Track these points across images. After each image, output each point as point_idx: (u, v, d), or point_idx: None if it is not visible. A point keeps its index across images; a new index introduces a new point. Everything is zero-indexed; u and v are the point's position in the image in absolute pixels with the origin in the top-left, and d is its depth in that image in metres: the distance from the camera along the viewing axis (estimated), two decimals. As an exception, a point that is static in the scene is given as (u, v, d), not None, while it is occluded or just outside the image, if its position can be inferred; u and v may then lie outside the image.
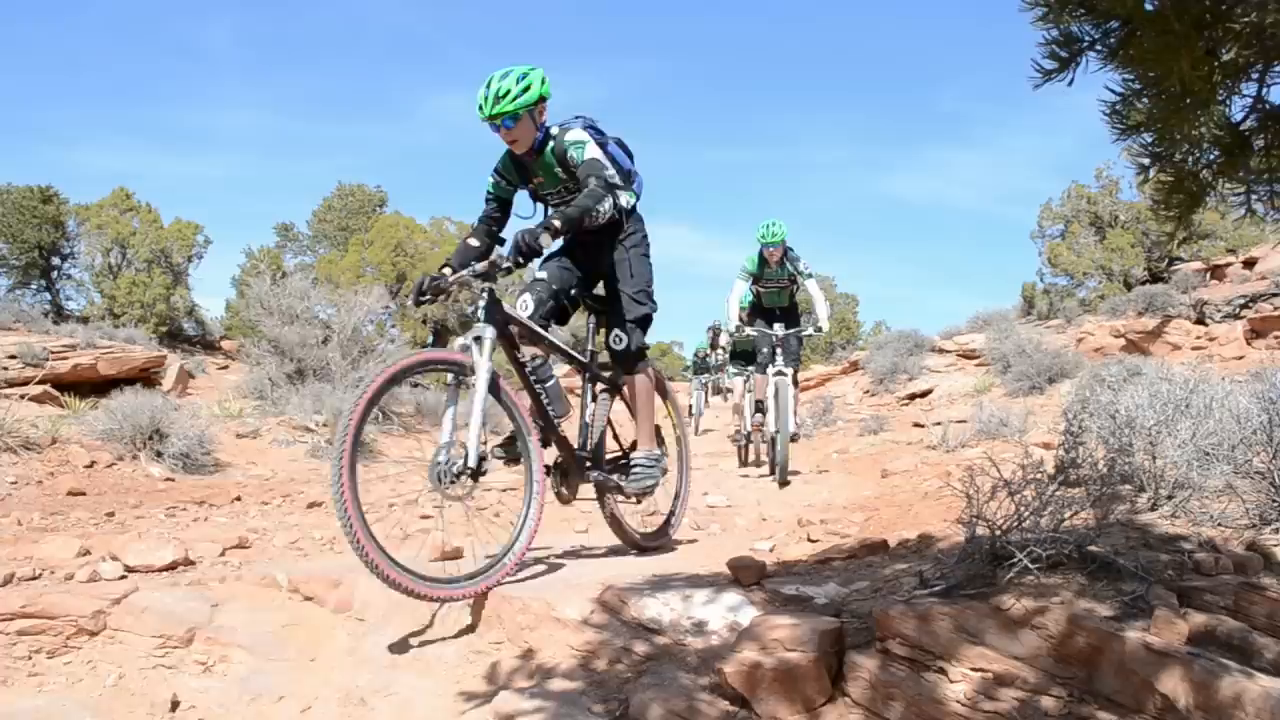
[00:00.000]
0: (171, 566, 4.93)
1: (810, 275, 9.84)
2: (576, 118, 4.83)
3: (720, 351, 15.54)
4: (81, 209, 23.47)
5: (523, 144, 4.57)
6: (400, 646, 3.78)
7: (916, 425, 12.07)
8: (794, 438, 9.47)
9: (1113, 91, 2.17)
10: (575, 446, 4.79)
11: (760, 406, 9.68)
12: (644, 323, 4.92)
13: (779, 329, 9.52)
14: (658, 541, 5.21)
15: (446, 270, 4.49)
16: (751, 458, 11.14)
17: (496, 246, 4.84)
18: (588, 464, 4.81)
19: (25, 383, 11.25)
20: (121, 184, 24.37)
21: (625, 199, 4.84)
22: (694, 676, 3.09)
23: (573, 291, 4.94)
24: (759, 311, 10.07)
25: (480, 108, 4.42)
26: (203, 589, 4.43)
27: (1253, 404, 4.12)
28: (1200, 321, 16.05)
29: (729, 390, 15.00)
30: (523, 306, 4.71)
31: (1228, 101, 2.14)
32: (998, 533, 3.07)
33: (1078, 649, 2.55)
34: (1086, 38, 2.10)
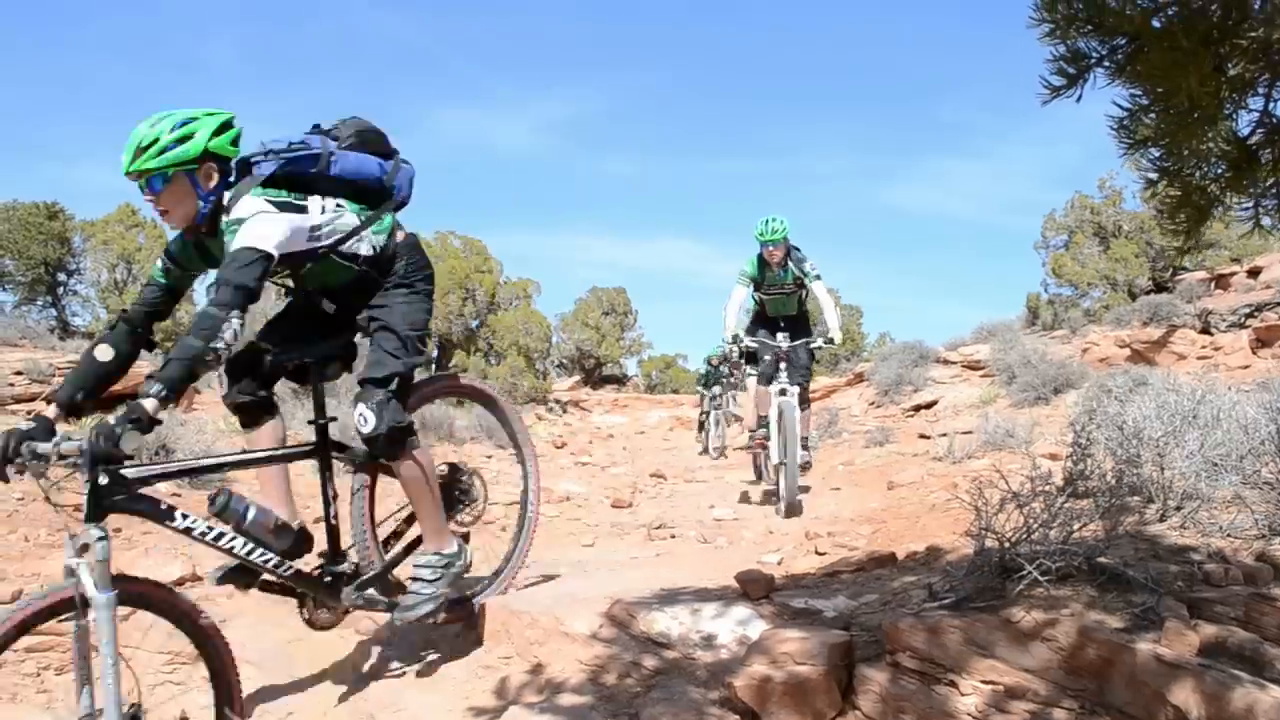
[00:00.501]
0: (179, 582, 4.92)
1: (818, 277, 8.59)
2: (261, 160, 3.51)
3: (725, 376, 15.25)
4: (87, 225, 23.57)
5: (176, 217, 3.35)
6: (408, 662, 3.78)
7: (922, 437, 12.05)
8: (805, 466, 8.19)
9: (1120, 107, 2.18)
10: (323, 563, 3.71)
11: (762, 422, 8.31)
12: (399, 384, 3.68)
13: (784, 340, 8.18)
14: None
15: (50, 413, 3.16)
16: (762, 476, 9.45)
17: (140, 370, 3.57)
18: (346, 580, 3.68)
19: (31, 399, 11.26)
20: (126, 200, 24.44)
21: (364, 246, 3.70)
22: (704, 690, 3.09)
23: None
24: (763, 321, 8.87)
25: (122, 160, 3.25)
26: (210, 605, 4.43)
27: (1260, 414, 4.12)
28: (1205, 331, 16.01)
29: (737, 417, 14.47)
30: None
31: (1235, 116, 2.15)
32: (1007, 545, 3.07)
33: (1088, 661, 2.55)
34: (1094, 54, 2.11)
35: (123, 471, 3.03)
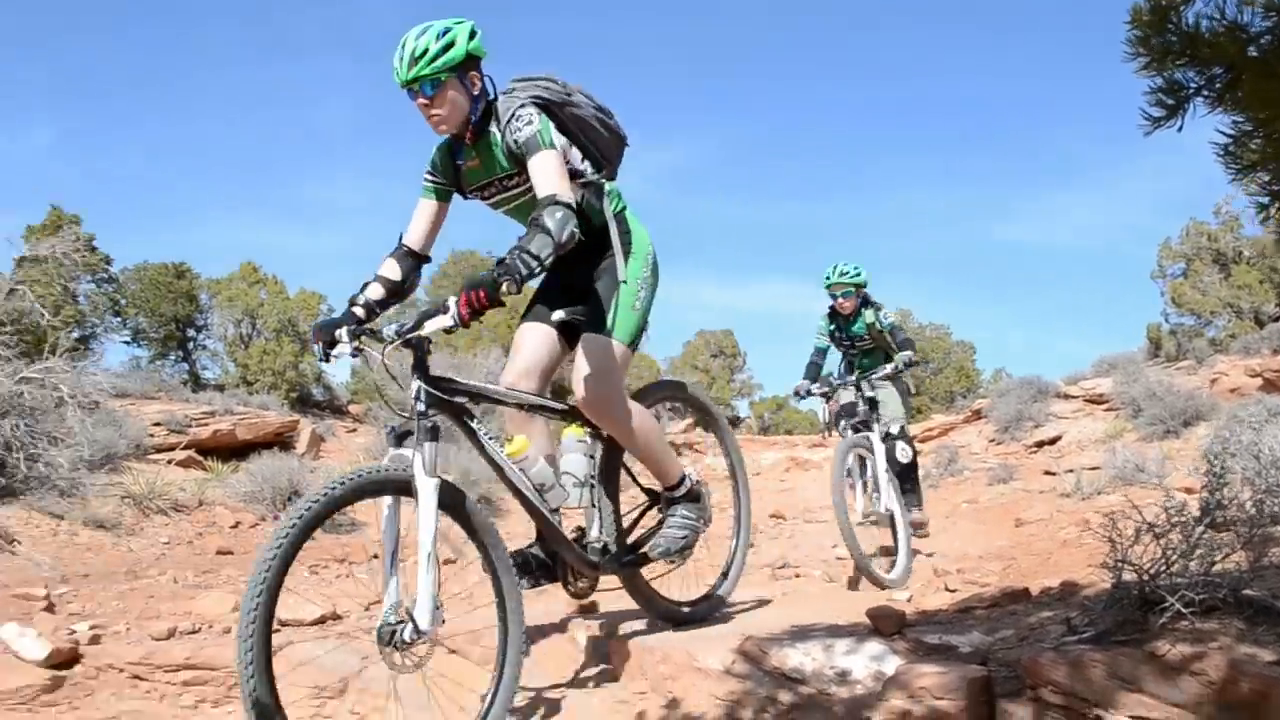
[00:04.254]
0: (320, 621, 5.13)
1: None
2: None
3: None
4: (213, 283, 24.73)
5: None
6: (545, 697, 3.86)
7: (1048, 473, 11.78)
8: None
9: (1223, 134, 2.18)
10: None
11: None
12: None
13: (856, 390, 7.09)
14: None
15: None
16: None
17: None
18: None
19: (171, 448, 11.83)
20: (249, 258, 25.62)
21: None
22: (841, 726, 3.10)
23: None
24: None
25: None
26: (352, 642, 4.60)
27: None
28: (1342, 357, 15.34)
29: None
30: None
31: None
32: (1145, 577, 3.02)
33: (1241, 695, 2.50)
34: (1191, 84, 2.13)
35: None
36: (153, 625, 5.02)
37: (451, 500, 3.17)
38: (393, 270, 3.77)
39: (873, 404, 7.05)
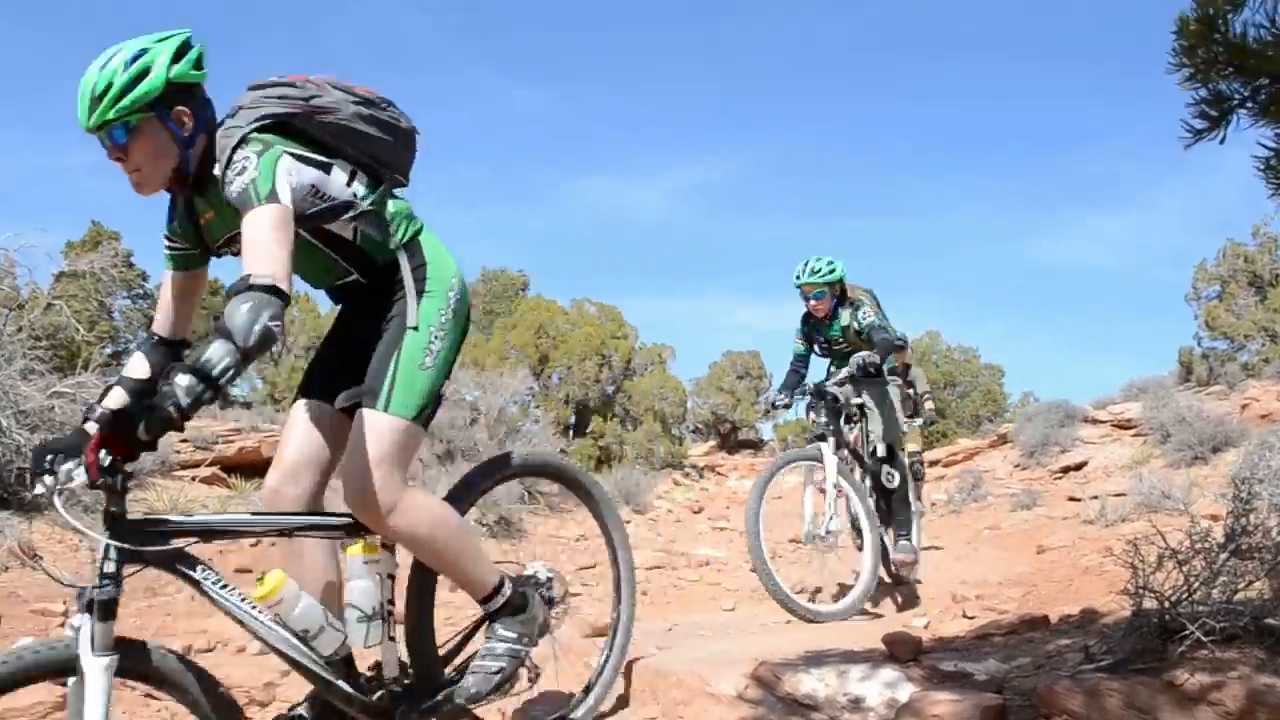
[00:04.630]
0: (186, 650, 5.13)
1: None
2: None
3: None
4: (244, 300, 24.98)
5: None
6: (556, 722, 3.83)
7: (1072, 499, 11.64)
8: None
9: (1266, 147, 2.15)
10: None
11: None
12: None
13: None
14: None
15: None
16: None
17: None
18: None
19: (196, 465, 11.88)
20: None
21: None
22: (853, 753, 3.06)
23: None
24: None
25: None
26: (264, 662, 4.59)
27: None
28: (1377, 384, 15.14)
29: None
30: None
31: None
32: (1166, 605, 2.97)
33: (1260, 726, 2.45)
34: (1236, 96, 2.10)
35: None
36: (168, 643, 5.01)
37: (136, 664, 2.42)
38: (140, 368, 2.95)
39: (861, 412, 6.44)
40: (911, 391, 7.19)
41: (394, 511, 2.85)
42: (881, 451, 6.48)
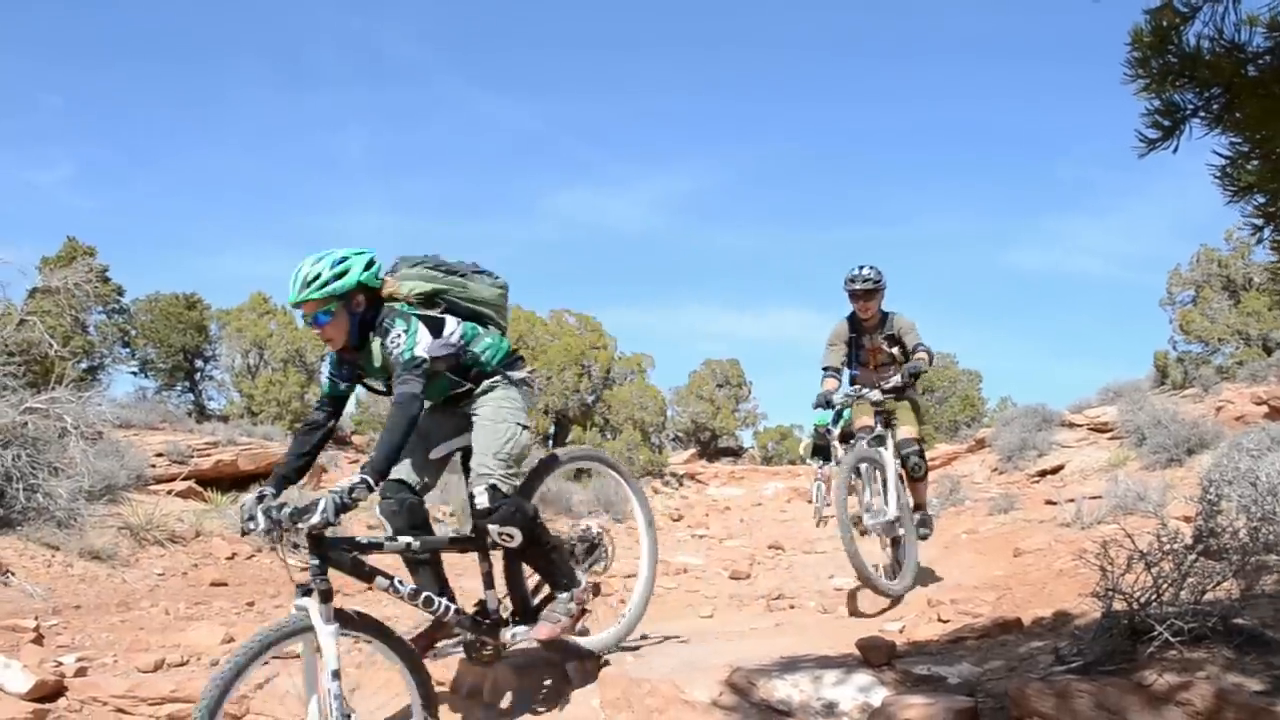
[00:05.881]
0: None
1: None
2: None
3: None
4: (222, 313, 24.78)
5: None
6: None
7: (1049, 503, 11.67)
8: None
9: (1220, 155, 2.17)
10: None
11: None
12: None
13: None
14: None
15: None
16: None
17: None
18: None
19: (171, 479, 11.79)
20: (261, 288, 25.64)
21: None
22: (826, 758, 3.06)
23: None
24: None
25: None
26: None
27: (1405, 467, 3.93)
28: (1349, 385, 15.27)
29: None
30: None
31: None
32: (1135, 607, 2.99)
33: (1227, 725, 2.46)
34: (1189, 106, 2.12)
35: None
36: (140, 658, 4.98)
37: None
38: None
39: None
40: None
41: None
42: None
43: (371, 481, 3.60)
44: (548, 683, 4.31)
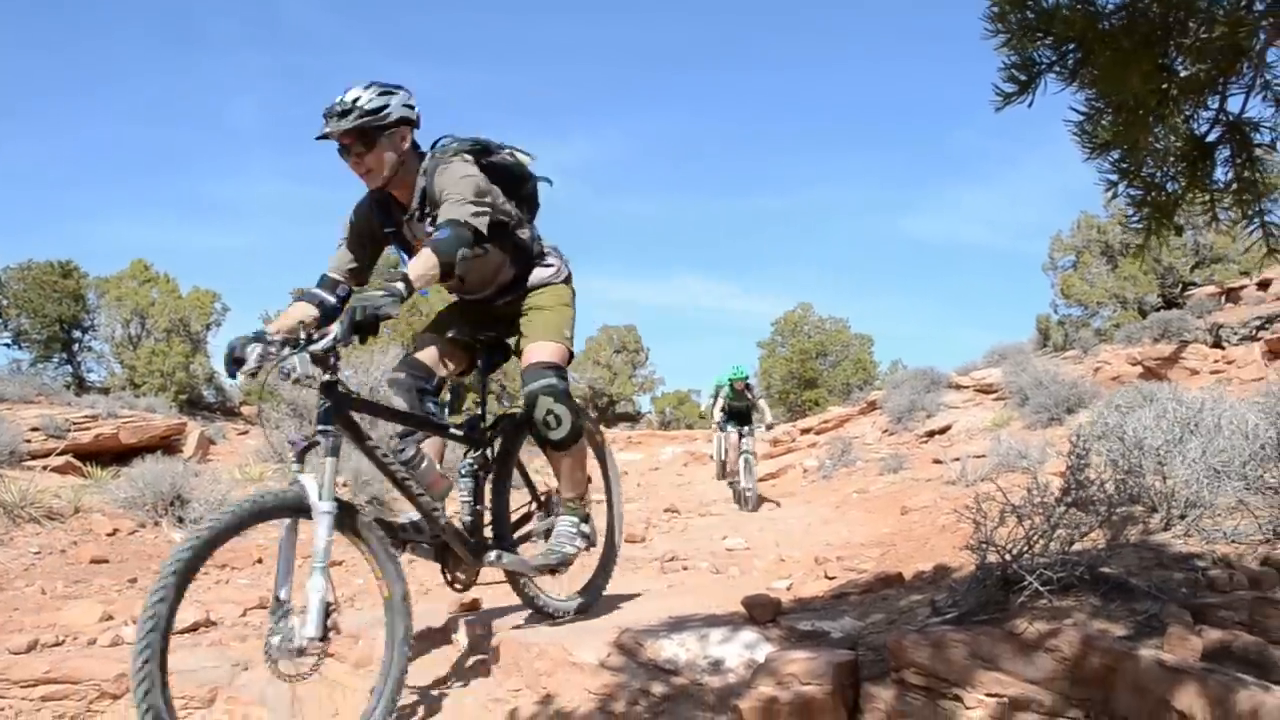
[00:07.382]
0: (193, 628, 4.97)
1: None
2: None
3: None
4: (101, 282, 23.87)
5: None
6: (423, 696, 3.78)
7: (936, 462, 12.02)
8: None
9: (1077, 111, 2.22)
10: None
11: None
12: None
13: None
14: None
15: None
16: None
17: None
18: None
19: (48, 454, 11.36)
20: (145, 256, 24.79)
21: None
22: (712, 715, 3.09)
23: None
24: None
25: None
26: (224, 649, 4.46)
27: (1261, 420, 4.11)
28: (1217, 345, 15.97)
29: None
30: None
31: (1194, 115, 2.18)
32: (1008, 558, 3.07)
33: (1093, 670, 2.54)
34: (1044, 60, 2.16)
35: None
36: (12, 639, 4.79)
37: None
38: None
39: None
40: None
41: None
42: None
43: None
44: (435, 650, 4.27)
